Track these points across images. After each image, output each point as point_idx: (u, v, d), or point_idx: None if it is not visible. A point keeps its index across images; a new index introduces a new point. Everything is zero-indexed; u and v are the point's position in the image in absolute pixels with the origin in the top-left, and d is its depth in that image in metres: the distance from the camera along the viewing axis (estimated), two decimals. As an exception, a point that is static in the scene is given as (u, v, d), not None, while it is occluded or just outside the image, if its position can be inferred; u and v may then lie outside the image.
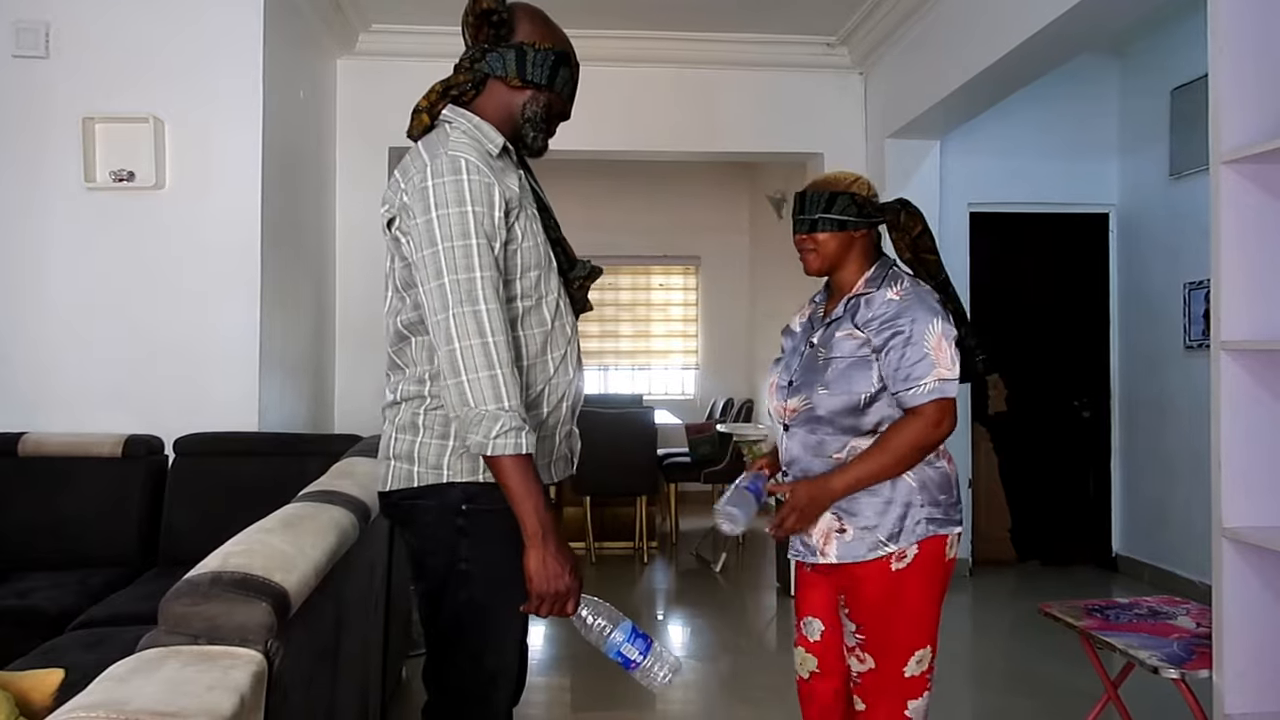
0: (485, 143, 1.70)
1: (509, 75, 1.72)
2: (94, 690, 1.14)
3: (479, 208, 1.60)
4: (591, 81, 5.95)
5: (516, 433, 1.56)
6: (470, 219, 1.59)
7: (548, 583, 1.57)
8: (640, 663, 1.61)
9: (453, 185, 1.59)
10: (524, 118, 1.76)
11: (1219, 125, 2.20)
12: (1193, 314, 4.96)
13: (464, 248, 1.58)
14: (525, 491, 1.57)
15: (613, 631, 1.61)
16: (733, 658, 4.15)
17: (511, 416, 1.56)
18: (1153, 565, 5.30)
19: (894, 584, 1.96)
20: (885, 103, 5.31)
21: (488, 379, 1.56)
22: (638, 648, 1.61)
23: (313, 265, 4.72)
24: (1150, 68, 5.34)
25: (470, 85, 1.73)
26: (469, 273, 1.58)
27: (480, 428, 1.55)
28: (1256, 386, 2.17)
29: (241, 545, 1.57)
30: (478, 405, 1.56)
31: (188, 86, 3.81)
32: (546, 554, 1.57)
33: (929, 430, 1.91)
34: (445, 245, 1.58)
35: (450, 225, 1.58)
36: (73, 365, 3.74)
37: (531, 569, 1.57)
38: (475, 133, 1.70)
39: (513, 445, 1.55)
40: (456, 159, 1.61)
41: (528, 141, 1.78)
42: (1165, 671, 2.19)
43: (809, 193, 2.07)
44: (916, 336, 1.91)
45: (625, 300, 8.91)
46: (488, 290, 1.58)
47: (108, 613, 2.82)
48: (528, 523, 1.57)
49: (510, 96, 1.75)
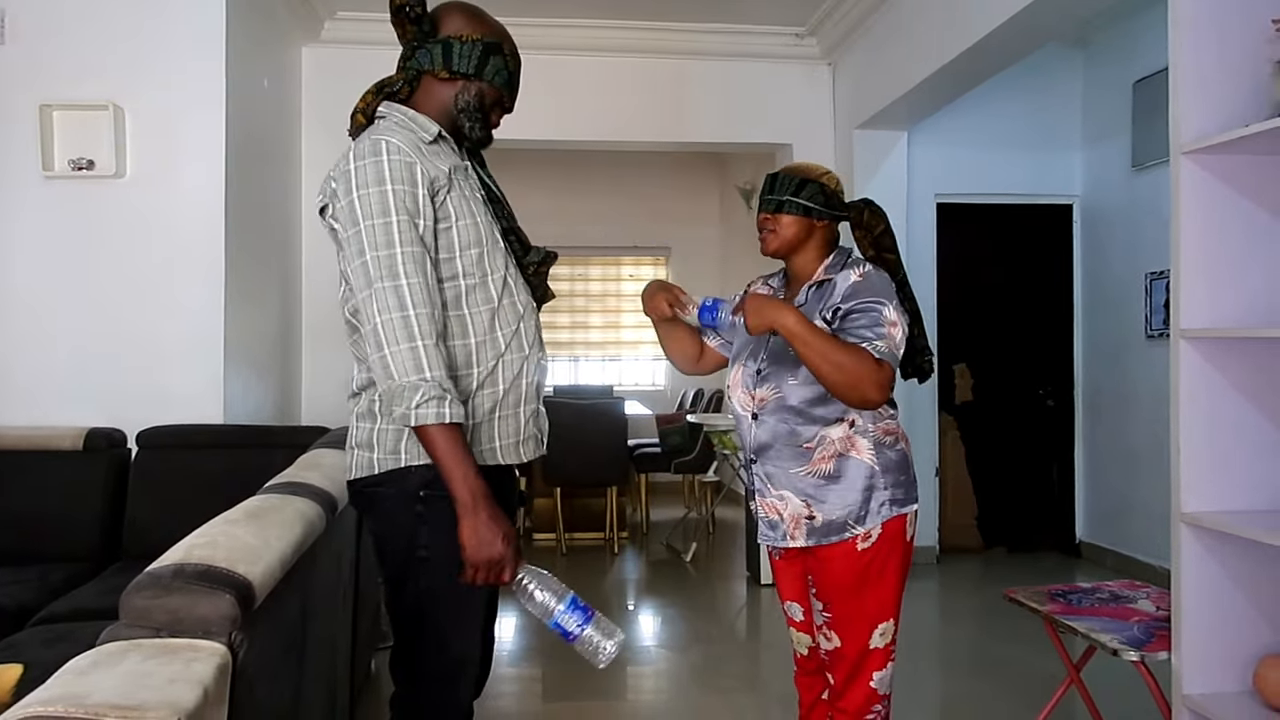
0: (418, 131, 1.74)
1: (436, 68, 1.76)
2: (53, 684, 1.12)
3: (399, 186, 1.62)
4: (560, 71, 5.91)
5: (439, 401, 1.57)
6: (390, 196, 1.61)
7: (481, 550, 1.58)
8: (579, 634, 1.62)
9: (373, 166, 1.63)
10: (457, 109, 1.79)
11: (1179, 116, 2.23)
12: (1154, 304, 5.04)
13: (384, 225, 1.61)
14: (454, 461, 1.58)
15: (554, 602, 1.61)
16: (703, 647, 4.17)
17: (432, 386, 1.58)
18: (1115, 551, 5.39)
19: (859, 563, 2.02)
20: (853, 94, 5.34)
21: (408, 350, 1.58)
22: (577, 619, 1.61)
23: (278, 255, 4.67)
24: (1113, 60, 5.41)
25: (403, 83, 1.78)
26: (389, 249, 1.60)
27: (403, 399, 1.57)
28: (1215, 373, 2.21)
29: (205, 537, 1.55)
30: (400, 377, 1.58)
31: (149, 74, 3.75)
32: (478, 522, 1.58)
33: (872, 377, 1.87)
34: (366, 223, 1.61)
35: (370, 204, 1.61)
36: (32, 357, 3.67)
37: (465, 537, 1.58)
38: (408, 123, 1.75)
39: (434, 415, 1.57)
40: (378, 141, 1.65)
41: (465, 132, 1.81)
42: (1125, 654, 2.23)
43: (780, 175, 2.11)
44: (874, 310, 1.94)
45: (595, 291, 8.90)
46: (409, 265, 1.61)
47: (69, 608, 2.78)
48: (458, 491, 1.58)
49: (442, 90, 1.78)
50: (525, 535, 6.37)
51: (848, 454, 2.01)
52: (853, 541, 2.01)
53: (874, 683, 2.05)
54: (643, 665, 3.88)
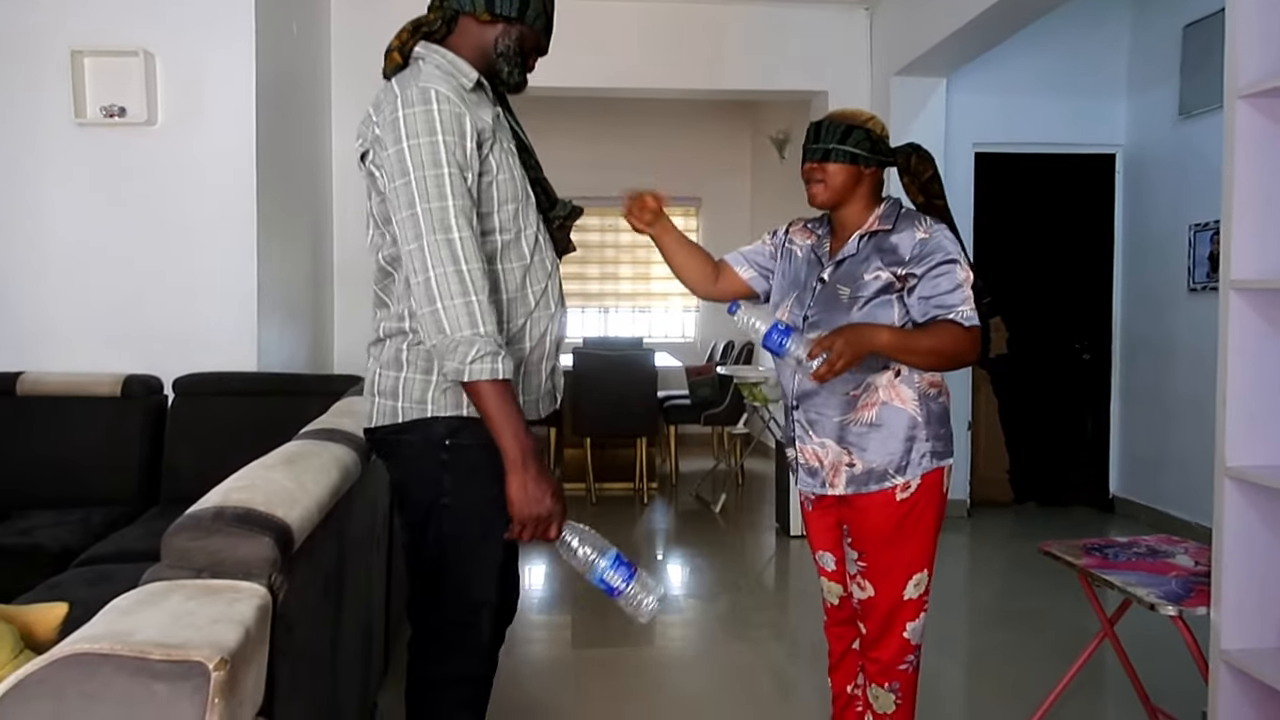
0: (459, 76, 1.70)
1: (478, 10, 1.72)
2: (98, 622, 1.14)
3: (450, 137, 1.59)
4: (591, 18, 5.80)
5: (493, 358, 1.56)
6: (441, 148, 1.58)
7: (529, 506, 1.58)
8: (624, 590, 1.62)
9: (423, 115, 1.59)
10: (497, 52, 1.75)
11: (1235, 59, 2.15)
12: (1197, 256, 4.92)
13: (435, 176, 1.58)
14: (505, 417, 1.57)
15: (597, 558, 1.61)
16: (731, 596, 4.19)
17: (487, 341, 1.56)
18: (1149, 507, 5.34)
19: (898, 513, 2.01)
20: (891, 39, 5.21)
21: (463, 305, 1.56)
22: (621, 575, 1.62)
23: (309, 201, 4.66)
24: (1162, 3, 5.23)
25: (441, 23, 1.73)
26: (441, 200, 1.58)
27: (456, 354, 1.56)
28: (1264, 326, 2.15)
29: (243, 481, 1.56)
30: (453, 332, 1.56)
31: (178, 19, 3.72)
32: (528, 478, 1.57)
33: (970, 345, 1.95)
34: (417, 174, 1.57)
35: (421, 154, 1.58)
36: (70, 304, 3.71)
37: (513, 494, 1.58)
38: (448, 67, 1.70)
39: (489, 370, 1.56)
40: (427, 90, 1.61)
41: (503, 76, 1.77)
42: (1163, 609, 2.20)
43: (825, 123, 2.07)
44: (950, 272, 1.96)
45: (625, 242, 8.84)
46: (460, 219, 1.58)
47: (111, 550, 2.83)
48: (509, 448, 1.57)
49: (481, 31, 1.74)
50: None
51: (891, 402, 2.00)
52: (892, 491, 2.01)
53: (907, 633, 2.06)
54: (671, 614, 3.91)
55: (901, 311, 1.98)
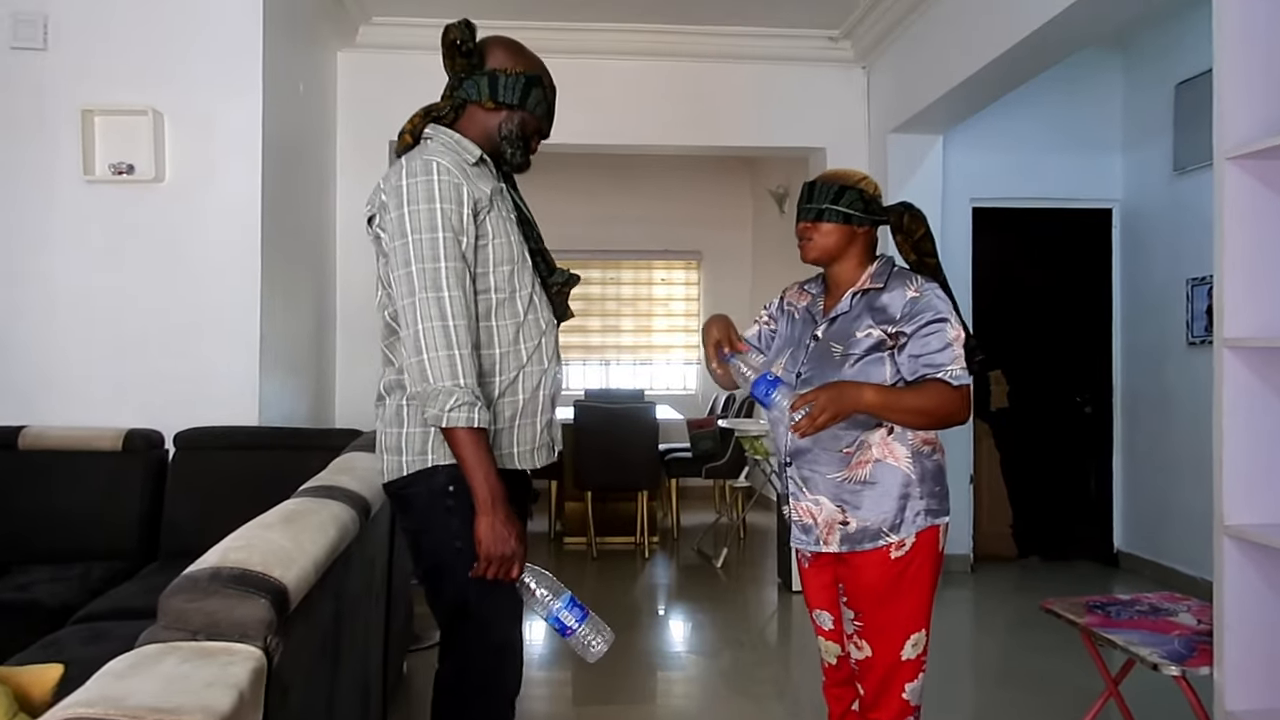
0: (463, 153, 1.87)
1: (483, 99, 1.90)
2: (92, 686, 1.13)
3: (447, 205, 1.75)
4: (592, 76, 5.91)
5: (469, 407, 1.71)
6: (438, 215, 1.74)
7: (496, 546, 1.71)
8: (575, 630, 1.73)
9: (424, 184, 1.76)
10: (501, 136, 1.93)
11: (1223, 120, 2.19)
12: (1195, 310, 4.95)
13: (431, 240, 1.74)
14: (477, 461, 1.72)
15: (553, 600, 1.73)
16: (733, 652, 4.15)
17: (465, 393, 1.71)
18: (1154, 562, 5.30)
19: (892, 572, 2.01)
20: (888, 97, 5.30)
21: (446, 358, 1.71)
22: (574, 616, 1.73)
23: (313, 259, 4.71)
24: (1154, 62, 5.32)
25: (449, 110, 1.91)
26: (435, 262, 1.73)
27: (437, 402, 1.71)
28: (1259, 384, 2.16)
29: (241, 541, 1.57)
30: (436, 381, 1.71)
31: (187, 79, 3.80)
32: (495, 519, 1.71)
33: (959, 404, 1.96)
34: (415, 237, 1.74)
35: (420, 219, 1.74)
36: (73, 359, 3.73)
37: (481, 533, 1.71)
38: (453, 144, 1.88)
39: (465, 419, 1.70)
40: (429, 161, 1.78)
41: (507, 158, 1.95)
42: (1166, 669, 2.18)
43: (818, 183, 2.11)
44: (940, 328, 1.98)
45: (627, 295, 8.90)
46: (451, 279, 1.74)
47: (108, 607, 2.82)
48: (479, 490, 1.71)
49: (487, 118, 1.92)
50: (556, 539, 6.38)
51: (884, 460, 2.00)
52: (886, 549, 2.00)
53: (906, 694, 2.04)
54: (673, 670, 3.87)
55: (893, 369, 2.00)
